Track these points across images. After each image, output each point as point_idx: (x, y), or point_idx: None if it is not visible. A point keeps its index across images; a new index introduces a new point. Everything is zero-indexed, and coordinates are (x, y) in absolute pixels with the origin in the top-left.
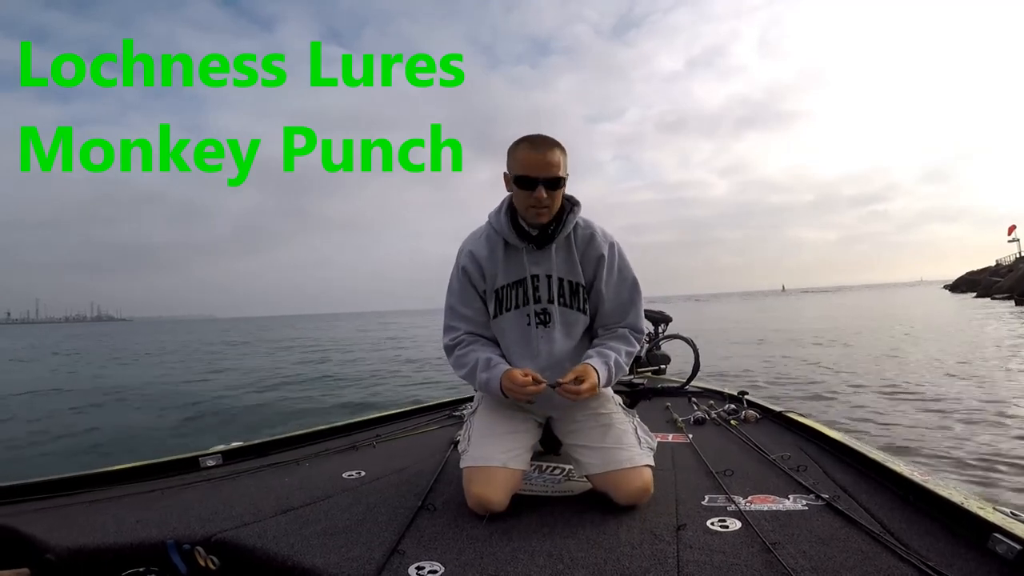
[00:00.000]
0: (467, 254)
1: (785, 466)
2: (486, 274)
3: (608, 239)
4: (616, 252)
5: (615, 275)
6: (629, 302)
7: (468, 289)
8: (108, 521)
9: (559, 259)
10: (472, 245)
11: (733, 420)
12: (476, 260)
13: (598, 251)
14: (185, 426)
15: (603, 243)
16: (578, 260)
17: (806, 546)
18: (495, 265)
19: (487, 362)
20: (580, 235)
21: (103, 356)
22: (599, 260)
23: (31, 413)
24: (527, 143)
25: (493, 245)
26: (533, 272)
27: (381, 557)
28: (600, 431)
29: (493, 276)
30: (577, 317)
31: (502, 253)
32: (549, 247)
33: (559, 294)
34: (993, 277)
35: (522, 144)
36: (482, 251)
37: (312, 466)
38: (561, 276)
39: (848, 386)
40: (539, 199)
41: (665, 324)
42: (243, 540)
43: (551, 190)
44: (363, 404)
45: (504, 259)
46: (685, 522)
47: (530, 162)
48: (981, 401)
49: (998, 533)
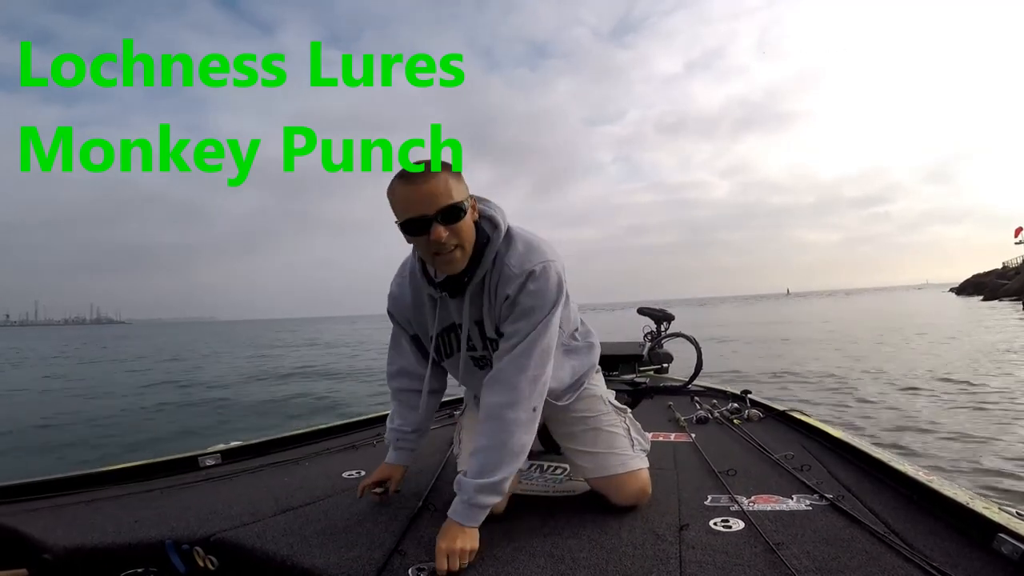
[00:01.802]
0: (390, 297)
1: (788, 465)
2: (413, 321)
3: (527, 267)
4: (527, 284)
5: (514, 311)
6: (520, 355)
7: (399, 331)
8: (106, 521)
9: (472, 308)
10: (395, 286)
11: (736, 419)
12: (398, 306)
13: (504, 291)
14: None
15: (512, 279)
16: (490, 305)
17: (810, 546)
18: (421, 312)
19: (393, 435)
20: (498, 272)
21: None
22: (504, 301)
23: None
24: (399, 178)
25: (417, 285)
26: (457, 320)
27: (381, 557)
28: (591, 435)
29: (422, 323)
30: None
31: (427, 297)
32: (463, 296)
33: (485, 342)
34: (1000, 280)
35: (395, 182)
36: (406, 295)
37: (312, 466)
38: (479, 322)
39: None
40: (439, 240)
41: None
42: (242, 540)
43: (450, 223)
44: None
45: (430, 304)
46: (688, 522)
47: (409, 199)
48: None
49: (1003, 533)
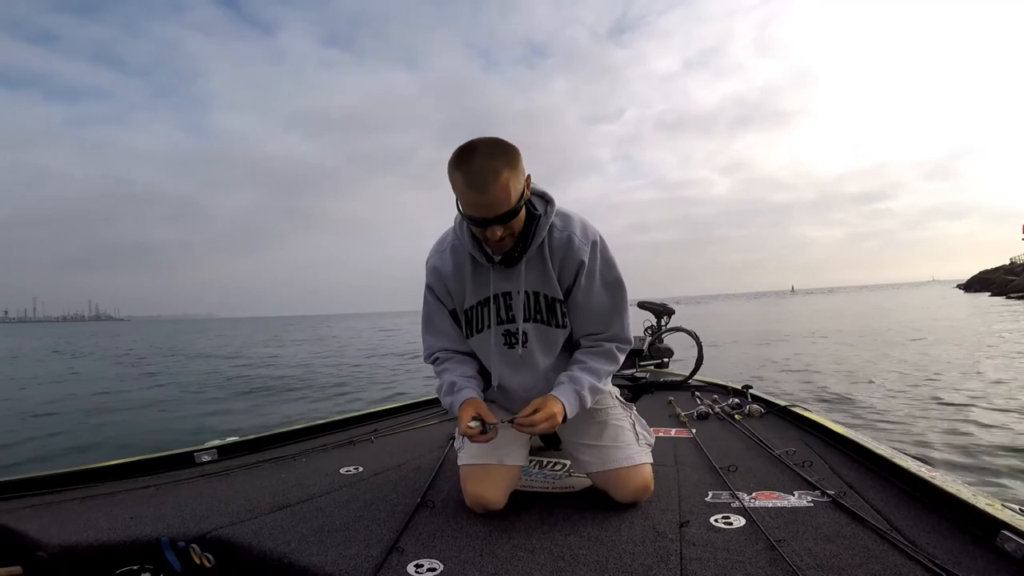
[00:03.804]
0: (431, 270)
1: (790, 462)
2: (452, 292)
3: (590, 238)
4: (599, 254)
5: (597, 281)
6: (613, 311)
7: (438, 307)
8: (101, 518)
9: (530, 274)
10: (437, 259)
11: (737, 415)
12: (441, 278)
13: (577, 258)
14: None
15: (583, 247)
16: (553, 271)
17: (811, 543)
18: (461, 282)
19: (451, 386)
20: (556, 241)
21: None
22: (579, 267)
23: None
24: (462, 175)
25: (459, 259)
26: (503, 290)
27: (379, 555)
28: (597, 428)
29: (460, 294)
30: (556, 334)
31: (469, 269)
32: (518, 264)
33: (535, 310)
34: (1007, 276)
35: (457, 175)
36: (447, 267)
37: (309, 462)
38: (535, 290)
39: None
40: (493, 238)
41: (668, 316)
42: (239, 537)
43: (504, 224)
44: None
45: (472, 275)
46: (688, 519)
47: (470, 203)
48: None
49: (1007, 530)
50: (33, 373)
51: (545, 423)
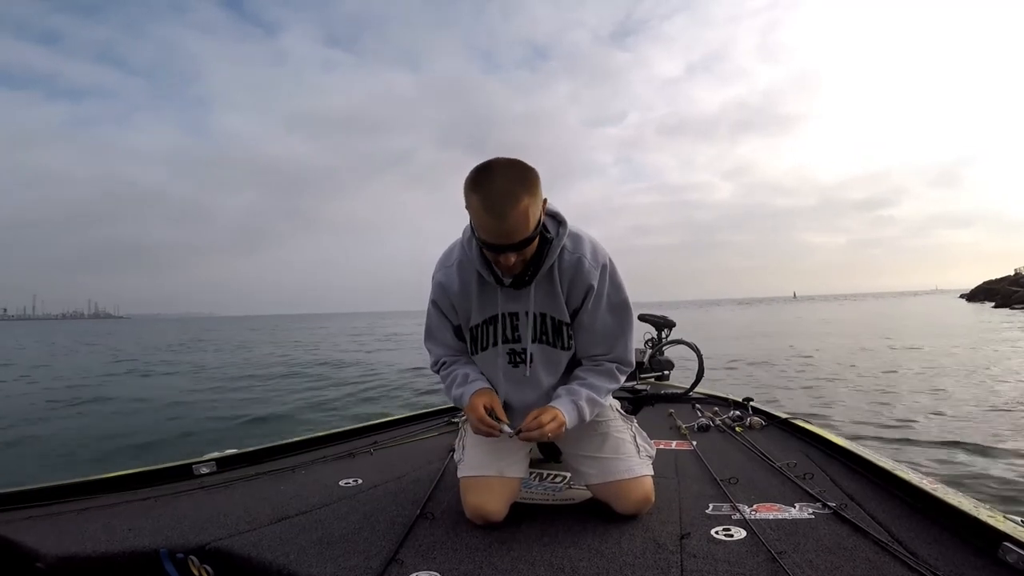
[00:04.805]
0: (437, 286)
1: (791, 474)
2: (458, 309)
3: (600, 261)
4: (608, 277)
5: (603, 304)
6: (618, 333)
7: (442, 322)
8: (100, 530)
9: (538, 295)
10: (443, 275)
11: (738, 427)
12: (446, 294)
13: (587, 281)
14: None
15: (592, 271)
16: (562, 293)
17: (812, 555)
18: (468, 300)
19: (464, 377)
20: (565, 263)
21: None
22: (588, 291)
23: None
24: (479, 198)
25: (466, 276)
26: (510, 310)
27: (379, 566)
28: (598, 440)
29: (466, 312)
30: (561, 355)
31: (476, 287)
32: (527, 286)
33: (541, 332)
34: (1012, 287)
35: (474, 197)
36: (453, 283)
37: (308, 474)
38: (543, 312)
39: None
40: (506, 263)
41: (668, 329)
42: (237, 549)
43: (519, 251)
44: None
45: (478, 293)
46: (689, 531)
47: (486, 228)
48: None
49: (1009, 542)
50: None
51: (552, 423)
